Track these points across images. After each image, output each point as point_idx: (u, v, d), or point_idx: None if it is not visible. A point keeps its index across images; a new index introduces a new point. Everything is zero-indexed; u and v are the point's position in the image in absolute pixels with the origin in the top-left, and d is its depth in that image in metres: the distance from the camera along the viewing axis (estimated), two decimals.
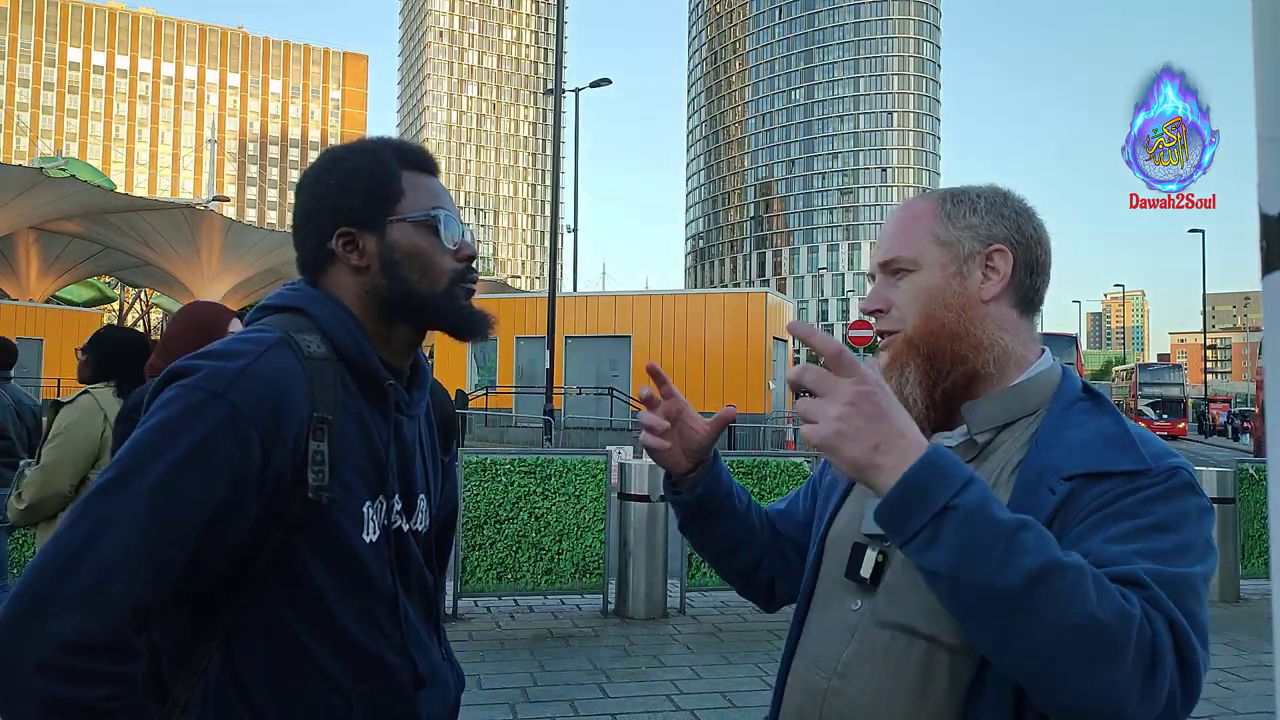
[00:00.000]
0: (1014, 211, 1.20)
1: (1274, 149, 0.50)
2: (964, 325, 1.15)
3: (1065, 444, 1.08)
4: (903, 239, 1.21)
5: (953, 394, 1.17)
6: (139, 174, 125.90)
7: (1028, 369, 1.17)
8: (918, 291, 1.18)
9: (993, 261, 1.17)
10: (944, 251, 1.18)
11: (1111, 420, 1.11)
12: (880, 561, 1.15)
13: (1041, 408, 1.14)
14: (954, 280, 1.17)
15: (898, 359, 1.18)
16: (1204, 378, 61.26)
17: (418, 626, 1.26)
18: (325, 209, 1.25)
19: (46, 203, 31.07)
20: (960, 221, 1.19)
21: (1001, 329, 1.16)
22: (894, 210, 1.28)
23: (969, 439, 1.16)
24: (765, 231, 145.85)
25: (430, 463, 1.36)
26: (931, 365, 1.16)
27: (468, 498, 6.30)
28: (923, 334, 1.17)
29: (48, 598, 0.96)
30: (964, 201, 1.21)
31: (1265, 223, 0.51)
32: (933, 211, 1.21)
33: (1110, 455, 1.05)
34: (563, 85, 26.30)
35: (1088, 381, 1.20)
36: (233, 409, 1.06)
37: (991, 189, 1.23)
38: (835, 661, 1.15)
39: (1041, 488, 1.05)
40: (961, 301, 1.16)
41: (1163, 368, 51.58)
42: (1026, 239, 1.19)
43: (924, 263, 1.19)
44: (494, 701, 4.56)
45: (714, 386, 23.09)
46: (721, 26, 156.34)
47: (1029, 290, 1.19)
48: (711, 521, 1.38)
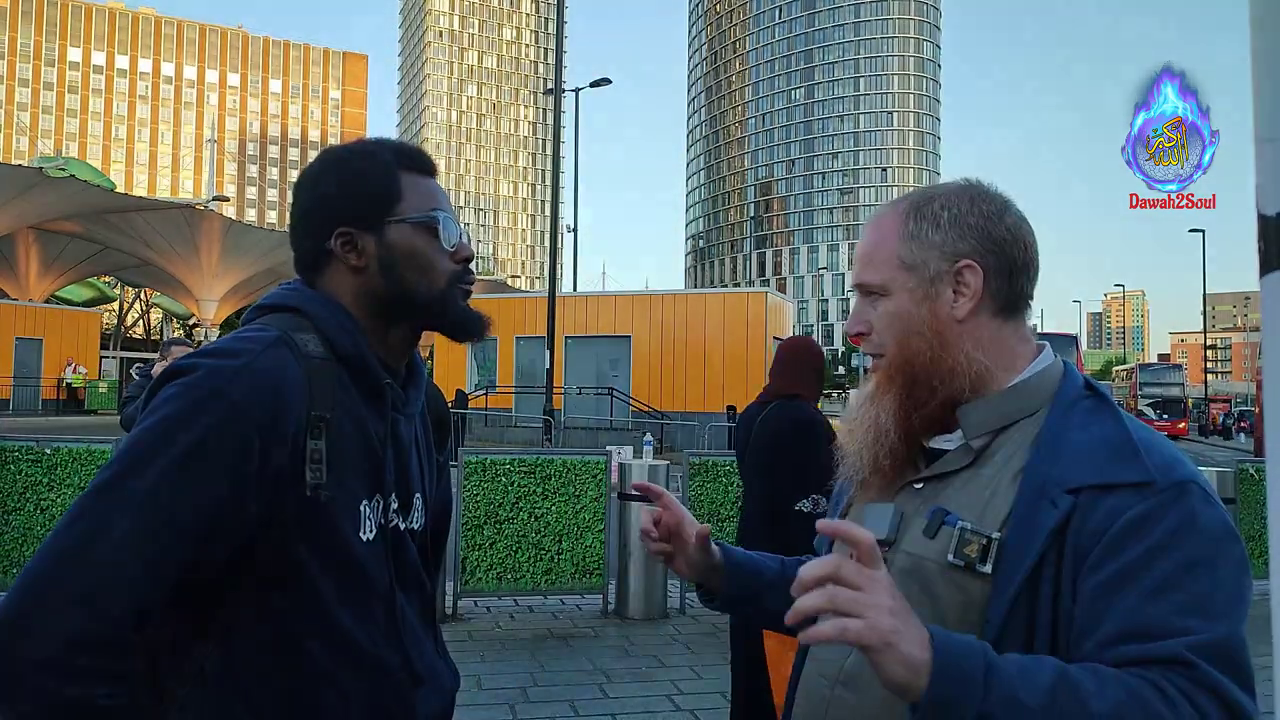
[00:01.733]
0: (981, 216, 1.14)
1: (1272, 150, 0.50)
2: (937, 351, 1.12)
3: (1068, 451, 1.04)
4: (870, 262, 1.18)
5: (930, 419, 1.15)
6: (139, 174, 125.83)
7: (1022, 370, 1.14)
8: (891, 318, 1.16)
9: (962, 278, 1.13)
10: (910, 275, 1.14)
11: (1115, 424, 1.06)
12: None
13: (1043, 407, 1.11)
14: (923, 304, 1.13)
15: (879, 389, 1.17)
16: (1204, 378, 61.28)
17: (414, 625, 1.26)
18: (324, 209, 1.25)
19: (46, 203, 31.08)
20: (923, 240, 1.14)
21: (979, 346, 1.12)
22: (866, 223, 1.24)
23: (965, 444, 1.13)
24: (765, 231, 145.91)
25: (425, 462, 1.36)
26: (909, 395, 1.14)
27: (467, 498, 6.30)
28: (900, 362, 1.15)
29: (48, 595, 0.96)
30: (926, 216, 1.16)
31: (1263, 223, 0.51)
32: (895, 231, 1.17)
33: (1114, 466, 1.01)
34: (563, 85, 26.29)
35: (1090, 379, 1.15)
36: (232, 407, 1.06)
37: (959, 191, 1.18)
38: (838, 669, 1.14)
39: (1043, 500, 1.02)
40: (935, 325, 1.13)
41: (1163, 368, 51.58)
42: (998, 243, 1.14)
43: (892, 288, 1.16)
44: (494, 702, 4.56)
45: (714, 386, 23.10)
46: (721, 26, 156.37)
47: (1009, 295, 1.15)
48: (755, 605, 1.39)
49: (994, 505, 1.06)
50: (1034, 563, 1.00)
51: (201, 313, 41.91)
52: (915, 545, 1.10)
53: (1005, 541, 1.02)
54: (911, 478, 1.18)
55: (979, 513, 1.07)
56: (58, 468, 6.01)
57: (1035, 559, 0.99)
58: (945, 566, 1.06)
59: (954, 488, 1.12)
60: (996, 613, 1.01)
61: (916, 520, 1.12)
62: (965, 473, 1.12)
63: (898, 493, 1.18)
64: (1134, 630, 0.93)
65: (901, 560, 1.11)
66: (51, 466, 6.01)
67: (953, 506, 1.09)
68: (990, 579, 1.02)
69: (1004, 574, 1.01)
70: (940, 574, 1.06)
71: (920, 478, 1.17)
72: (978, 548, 1.03)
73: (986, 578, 1.03)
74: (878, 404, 1.16)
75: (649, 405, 22.78)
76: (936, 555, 1.07)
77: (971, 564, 1.03)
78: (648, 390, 23.46)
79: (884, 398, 1.15)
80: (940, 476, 1.14)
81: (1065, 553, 0.99)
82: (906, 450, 1.17)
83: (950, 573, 1.05)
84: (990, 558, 1.03)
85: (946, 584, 1.06)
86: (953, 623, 1.03)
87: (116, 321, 55.00)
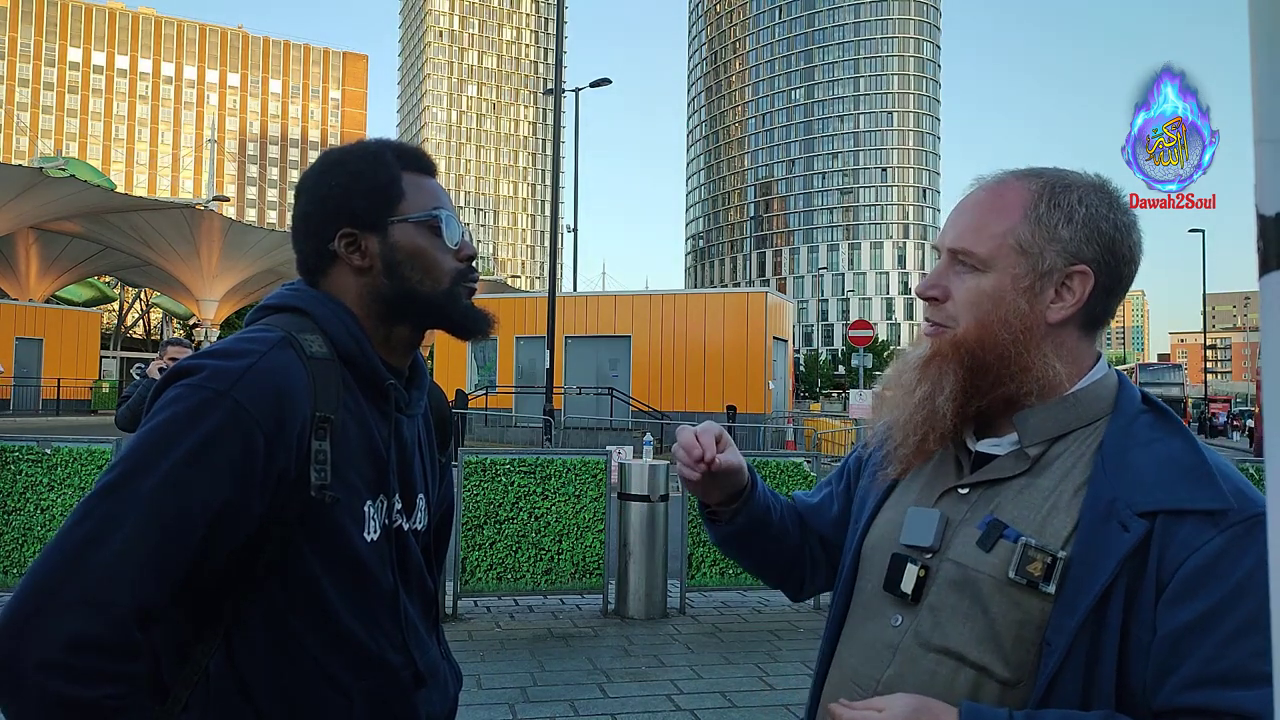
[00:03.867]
0: (1114, 226, 1.07)
1: (1272, 150, 0.50)
2: (1019, 346, 1.06)
3: (1135, 470, 0.99)
4: (981, 231, 1.09)
5: (987, 411, 1.11)
6: (139, 174, 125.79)
7: (1080, 380, 1.09)
8: (980, 296, 1.08)
9: (1070, 282, 1.06)
10: (1022, 260, 1.06)
11: (1184, 444, 1.01)
12: (922, 577, 1.08)
13: (1100, 419, 1.06)
14: (1023, 295, 1.06)
15: (937, 359, 1.10)
16: (1204, 378, 61.26)
17: (417, 625, 1.27)
18: (327, 210, 1.25)
19: (46, 203, 31.09)
20: (1051, 229, 1.06)
21: (1059, 354, 1.07)
22: (983, 184, 1.13)
23: (1019, 449, 1.08)
24: (765, 231, 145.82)
25: (428, 462, 1.37)
26: (972, 380, 1.08)
27: (467, 498, 6.30)
28: (972, 343, 1.07)
29: (51, 597, 0.96)
30: (1062, 205, 1.07)
31: (1263, 223, 0.51)
32: (1024, 206, 1.08)
33: (1188, 490, 0.97)
34: (563, 85, 26.29)
35: (1147, 392, 1.10)
36: (236, 408, 1.06)
37: (1097, 189, 1.09)
38: (875, 682, 1.09)
39: (1113, 522, 0.97)
40: (1024, 321, 1.06)
41: (1163, 368, 51.68)
42: (1118, 259, 1.07)
43: (996, 266, 1.07)
44: (494, 701, 4.56)
45: (714, 386, 23.10)
46: (721, 26, 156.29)
47: (1102, 310, 1.09)
48: (751, 542, 1.36)
49: (1055, 520, 1.02)
50: (1104, 588, 0.96)
51: (201, 313, 41.93)
52: (967, 556, 1.06)
53: (1071, 562, 0.98)
54: (955, 482, 1.13)
55: (1037, 526, 1.02)
56: (58, 468, 6.01)
57: (1105, 584, 0.96)
58: (1004, 582, 1.01)
59: (1007, 496, 1.07)
60: (1059, 635, 0.97)
61: (965, 529, 1.08)
62: (1019, 480, 1.07)
63: (940, 497, 1.13)
64: (1214, 675, 0.91)
65: (950, 570, 1.07)
66: (52, 466, 6.01)
67: (1007, 517, 1.04)
68: (1052, 599, 0.99)
69: (1070, 596, 0.98)
70: (997, 589, 1.02)
71: (966, 482, 1.11)
72: (1042, 565, 0.99)
73: (1048, 597, 0.99)
74: (934, 381, 1.09)
75: (649, 405, 22.78)
76: (993, 570, 1.03)
77: (1034, 582, 0.99)
78: (648, 390, 23.46)
79: (944, 376, 1.09)
80: (990, 483, 1.09)
81: (1141, 581, 0.96)
82: (954, 436, 1.12)
83: (1008, 589, 1.01)
84: (1055, 577, 0.98)
85: (1003, 600, 1.01)
86: (1008, 640, 1.01)
87: (116, 321, 55.00)
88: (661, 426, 21.85)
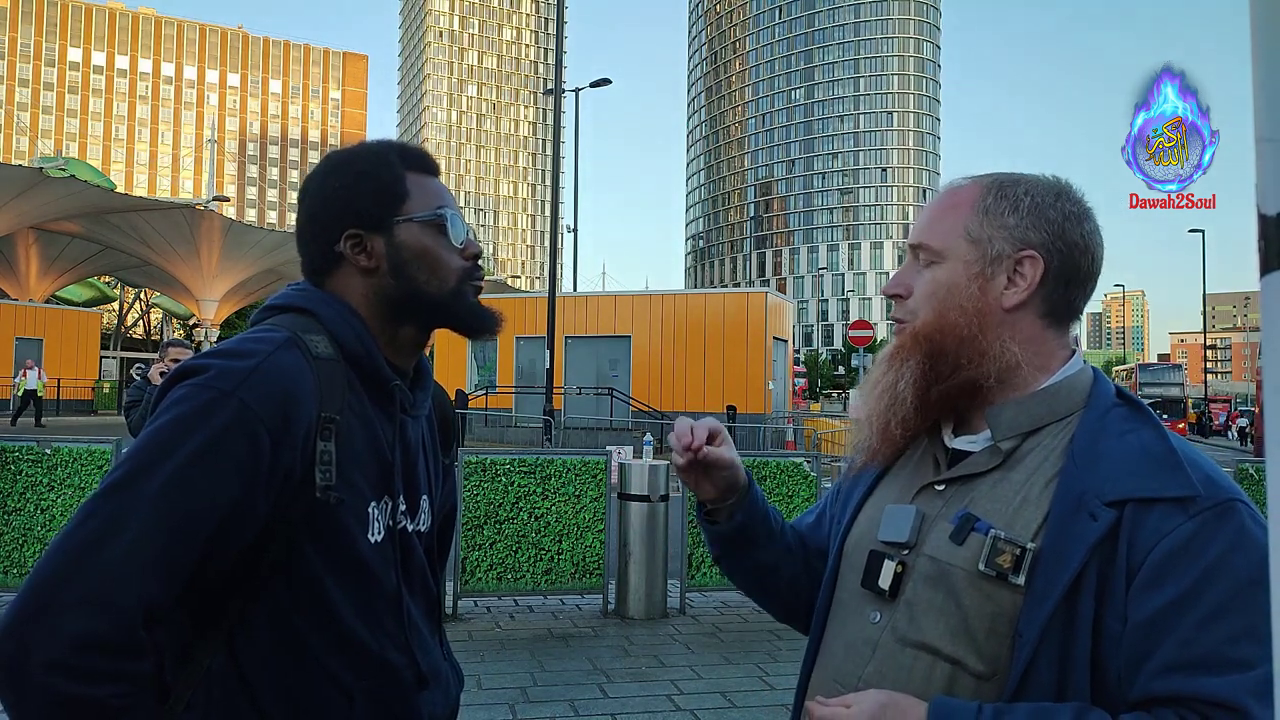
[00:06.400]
0: (1062, 214, 1.11)
1: (1272, 150, 0.50)
2: (973, 331, 1.09)
3: (1106, 460, 1.01)
4: (935, 226, 1.15)
5: (949, 396, 1.13)
6: (139, 174, 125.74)
7: (1053, 374, 1.11)
8: (936, 286, 1.13)
9: (1021, 268, 1.10)
10: (972, 249, 1.12)
11: (1154, 433, 1.03)
12: (899, 573, 1.10)
13: (1074, 413, 1.08)
14: (974, 282, 1.11)
15: (900, 352, 1.14)
16: (1204, 378, 61.25)
17: (420, 626, 1.27)
18: (332, 212, 1.25)
19: (46, 203, 31.06)
20: (997, 218, 1.11)
21: (1017, 339, 1.10)
22: (940, 190, 1.21)
23: (993, 445, 1.10)
24: (765, 231, 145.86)
25: (432, 463, 1.37)
26: (931, 365, 1.11)
27: (468, 498, 6.30)
28: (929, 331, 1.12)
29: (56, 596, 0.96)
30: (1007, 196, 1.12)
31: (1263, 223, 0.51)
32: (972, 201, 1.14)
33: (1156, 478, 0.98)
34: (563, 85, 26.29)
35: (1122, 387, 1.12)
36: (242, 408, 1.06)
37: (1047, 184, 1.14)
38: (856, 679, 1.10)
39: (1082, 513, 0.99)
40: (978, 305, 1.10)
41: (1163, 368, 51.63)
42: (1069, 246, 1.10)
43: (949, 256, 1.13)
44: (494, 701, 4.57)
45: (714, 386, 23.09)
46: (721, 26, 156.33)
47: (1061, 301, 1.12)
48: (749, 551, 1.32)
49: (1025, 513, 1.04)
50: (1072, 578, 0.97)
51: (201, 313, 41.89)
52: (941, 550, 1.07)
53: (1040, 553, 0.99)
54: (933, 478, 1.15)
55: (1009, 519, 1.04)
56: (58, 468, 6.02)
57: (1074, 574, 0.97)
58: (975, 575, 1.03)
59: (980, 491, 1.08)
60: (1030, 627, 0.98)
61: (940, 524, 1.09)
62: (993, 475, 1.09)
63: (917, 494, 1.15)
64: (1186, 661, 0.91)
65: (925, 565, 1.08)
66: (52, 467, 6.01)
67: (980, 511, 1.06)
68: (1023, 591, 0.99)
69: (1039, 587, 0.98)
70: (969, 582, 1.03)
71: (943, 479, 1.13)
72: (1011, 558, 1.00)
73: (1019, 589, 1.00)
74: (897, 370, 1.13)
75: (649, 405, 22.77)
76: (965, 563, 1.04)
77: (1004, 574, 1.00)
78: (648, 390, 23.45)
79: (905, 364, 1.12)
80: (965, 479, 1.11)
81: (1112, 570, 0.96)
82: (919, 423, 1.14)
83: (980, 582, 1.02)
84: (1024, 569, 1.00)
85: (975, 593, 1.03)
86: (981, 633, 1.01)
87: (116, 322, 54.98)
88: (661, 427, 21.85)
